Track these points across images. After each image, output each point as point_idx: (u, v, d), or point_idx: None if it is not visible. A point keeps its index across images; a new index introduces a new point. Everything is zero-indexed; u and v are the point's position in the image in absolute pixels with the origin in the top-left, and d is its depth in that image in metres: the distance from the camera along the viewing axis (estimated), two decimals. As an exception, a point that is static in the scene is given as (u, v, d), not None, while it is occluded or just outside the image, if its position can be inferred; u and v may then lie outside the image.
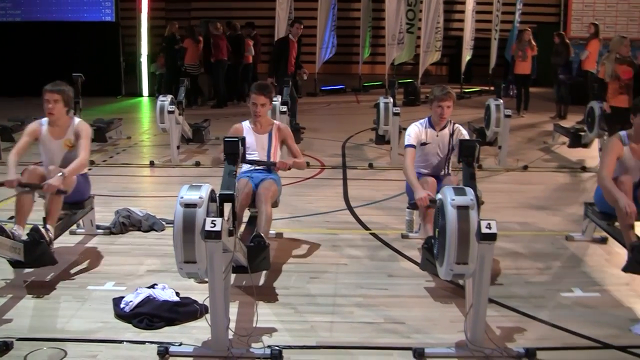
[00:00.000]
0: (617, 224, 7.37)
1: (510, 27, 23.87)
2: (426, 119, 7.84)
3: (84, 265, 7.39)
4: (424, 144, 7.74)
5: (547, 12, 27.63)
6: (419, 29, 23.55)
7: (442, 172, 7.86)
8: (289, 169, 7.78)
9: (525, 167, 12.60)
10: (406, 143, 7.74)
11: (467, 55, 23.78)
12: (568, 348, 5.71)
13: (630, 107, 11.13)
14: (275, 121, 8.16)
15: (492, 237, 5.13)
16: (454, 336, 5.75)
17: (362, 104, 20.95)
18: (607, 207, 7.42)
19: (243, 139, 6.14)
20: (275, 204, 7.74)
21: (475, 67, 26.14)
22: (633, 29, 23.40)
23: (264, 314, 6.07)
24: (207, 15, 24.52)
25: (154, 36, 22.76)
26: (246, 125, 7.95)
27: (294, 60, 16.31)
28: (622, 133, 7.46)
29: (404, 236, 8.32)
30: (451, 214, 5.18)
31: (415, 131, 7.74)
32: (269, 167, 7.73)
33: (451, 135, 7.70)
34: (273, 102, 12.23)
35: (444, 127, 7.72)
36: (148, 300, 6.07)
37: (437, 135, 7.72)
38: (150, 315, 5.92)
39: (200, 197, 5.14)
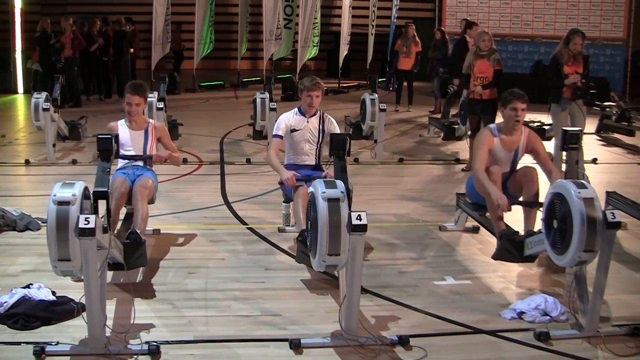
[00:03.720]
0: (487, 214, 7.64)
1: (388, 23, 24.22)
2: (296, 108, 8.12)
3: (-43, 266, 7.23)
4: (293, 130, 7.96)
5: (423, 7, 28.15)
6: (297, 24, 23.74)
7: (314, 163, 8.05)
8: (165, 161, 7.99)
9: (400, 160, 12.85)
10: (274, 133, 8.05)
11: (344, 51, 24.00)
12: (440, 334, 5.90)
13: (487, 100, 11.55)
14: (150, 120, 8.21)
15: (362, 228, 5.22)
16: (329, 326, 5.86)
17: (241, 100, 20.88)
18: (479, 198, 7.66)
19: (116, 136, 6.12)
20: (151, 201, 7.76)
21: (353, 62, 26.47)
22: (505, 25, 24.01)
23: (141, 310, 6.07)
24: (84, 11, 24.10)
25: (28, 31, 22.17)
26: (121, 123, 7.92)
27: None
28: (492, 126, 7.69)
29: (280, 230, 8.41)
30: (322, 207, 5.28)
31: (284, 121, 8.01)
32: (145, 160, 7.76)
33: (321, 121, 8.01)
34: (149, 99, 12.25)
35: (314, 115, 8.00)
36: (23, 300, 5.98)
37: (307, 122, 7.98)
38: (25, 315, 5.83)
39: (73, 195, 5.12)
